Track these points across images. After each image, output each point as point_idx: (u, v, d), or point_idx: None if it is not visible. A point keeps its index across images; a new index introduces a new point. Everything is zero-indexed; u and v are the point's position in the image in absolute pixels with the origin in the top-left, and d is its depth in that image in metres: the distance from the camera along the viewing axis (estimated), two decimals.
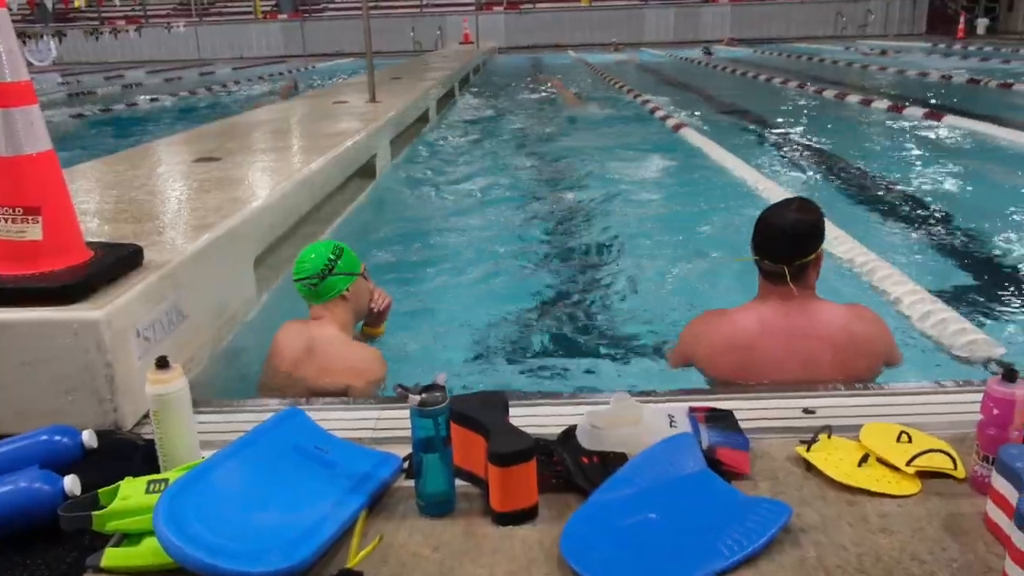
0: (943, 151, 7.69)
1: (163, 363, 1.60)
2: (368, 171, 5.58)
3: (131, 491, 1.46)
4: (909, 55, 19.66)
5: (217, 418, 2.00)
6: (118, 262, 2.09)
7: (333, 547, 1.42)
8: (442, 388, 1.48)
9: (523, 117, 11.08)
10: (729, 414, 1.82)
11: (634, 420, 1.64)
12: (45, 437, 1.71)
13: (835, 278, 3.59)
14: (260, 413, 1.91)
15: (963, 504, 1.51)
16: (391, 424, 1.91)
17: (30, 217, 1.91)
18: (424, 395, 1.46)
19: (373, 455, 1.67)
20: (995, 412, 1.50)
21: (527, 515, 1.48)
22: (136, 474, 1.52)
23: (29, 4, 23.42)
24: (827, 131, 9.15)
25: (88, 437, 1.76)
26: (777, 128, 9.37)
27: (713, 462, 1.60)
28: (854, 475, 1.58)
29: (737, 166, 6.54)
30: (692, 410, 1.82)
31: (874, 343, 2.28)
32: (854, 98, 11.30)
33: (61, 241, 1.98)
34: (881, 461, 1.62)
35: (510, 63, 21.67)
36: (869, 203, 5.79)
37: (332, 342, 2.46)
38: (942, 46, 20.97)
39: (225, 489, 1.44)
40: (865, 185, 6.42)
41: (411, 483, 1.57)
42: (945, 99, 11.43)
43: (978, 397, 1.55)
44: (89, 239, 2.16)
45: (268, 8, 30.23)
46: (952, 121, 8.71)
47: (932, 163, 7.07)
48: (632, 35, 27.37)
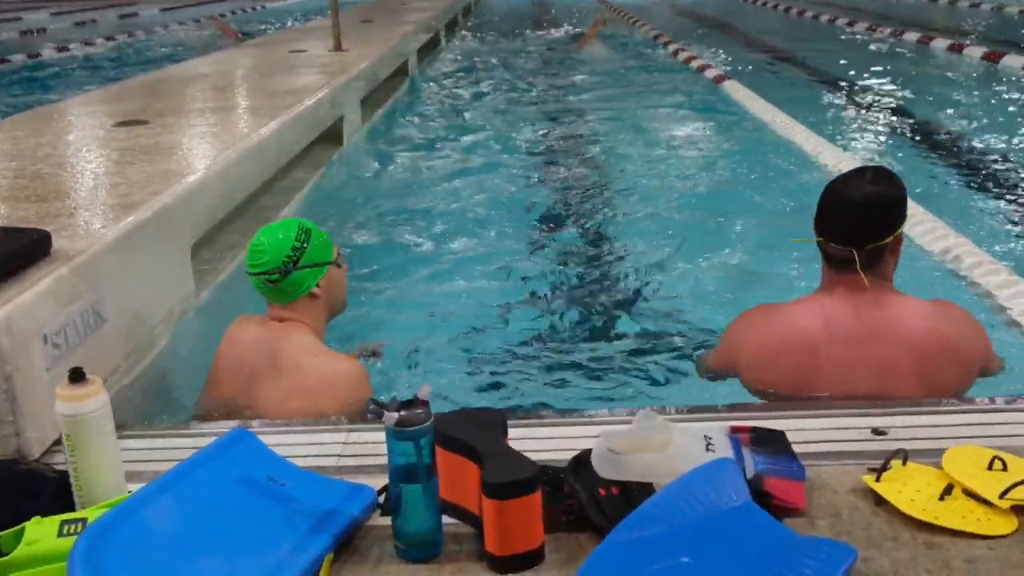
0: None
1: (78, 376, 1.60)
2: (334, 136, 5.60)
3: (40, 534, 1.47)
4: None
5: (146, 444, 2.01)
6: (18, 251, 2.10)
7: None
8: (425, 404, 1.48)
9: (525, 71, 11.09)
10: (780, 435, 1.83)
11: (662, 443, 1.65)
12: None
13: (914, 266, 3.60)
14: (199, 438, 1.92)
15: None
16: (362, 449, 1.92)
17: None
18: (403, 412, 1.46)
19: (340, 487, 1.68)
20: None
21: (530, 559, 1.49)
22: (45, 513, 1.53)
23: None
24: (906, 84, 9.15)
25: None
26: (842, 81, 9.37)
27: (760, 494, 1.61)
28: (934, 510, 1.59)
29: (792, 128, 6.55)
30: (734, 430, 1.82)
31: (968, 348, 2.28)
32: (940, 43, 11.29)
33: None
34: (968, 493, 1.63)
35: (508, 1, 21.65)
36: (957, 175, 5.80)
37: (304, 352, 2.34)
38: None
39: (157, 531, 1.45)
40: (953, 152, 6.42)
41: (387, 521, 1.57)
42: None
43: None
44: None
45: None
46: None
47: None
48: None
